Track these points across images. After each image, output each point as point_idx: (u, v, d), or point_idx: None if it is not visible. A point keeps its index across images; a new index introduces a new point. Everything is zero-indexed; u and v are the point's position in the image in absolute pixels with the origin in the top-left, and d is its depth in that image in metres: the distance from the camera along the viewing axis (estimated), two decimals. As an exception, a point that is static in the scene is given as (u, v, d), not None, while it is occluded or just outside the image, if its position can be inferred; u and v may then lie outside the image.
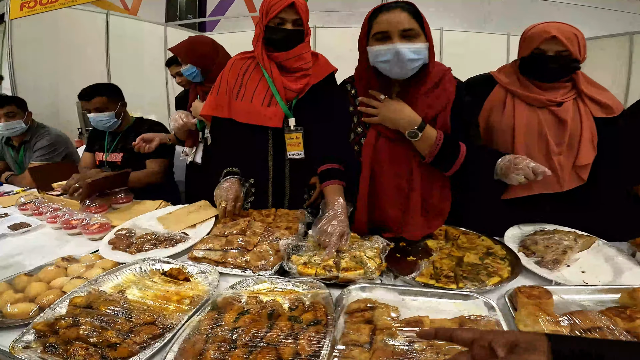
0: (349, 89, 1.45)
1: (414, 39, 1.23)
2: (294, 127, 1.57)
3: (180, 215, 1.63)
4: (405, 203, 1.37)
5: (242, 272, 1.20)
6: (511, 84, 1.50)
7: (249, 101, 1.56)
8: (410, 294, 1.06)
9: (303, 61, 1.56)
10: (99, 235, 1.50)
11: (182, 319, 0.95)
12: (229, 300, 1.00)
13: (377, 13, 1.27)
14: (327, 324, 0.91)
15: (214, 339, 0.85)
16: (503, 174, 1.35)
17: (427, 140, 1.29)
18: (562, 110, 1.43)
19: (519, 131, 1.44)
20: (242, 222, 1.41)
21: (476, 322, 0.89)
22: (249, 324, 0.88)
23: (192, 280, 1.17)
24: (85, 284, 1.09)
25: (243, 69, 1.61)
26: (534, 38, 1.40)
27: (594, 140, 1.43)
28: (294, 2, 1.46)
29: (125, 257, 1.30)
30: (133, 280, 1.15)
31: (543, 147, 1.44)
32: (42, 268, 1.22)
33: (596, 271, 1.19)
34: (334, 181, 1.42)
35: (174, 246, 1.37)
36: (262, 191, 1.68)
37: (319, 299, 1.02)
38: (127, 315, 0.94)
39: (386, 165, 1.37)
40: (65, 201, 1.79)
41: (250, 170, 1.66)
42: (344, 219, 1.30)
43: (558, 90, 1.45)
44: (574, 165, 1.44)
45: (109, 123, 2.20)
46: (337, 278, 1.13)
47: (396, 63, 1.23)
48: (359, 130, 1.41)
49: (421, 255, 1.29)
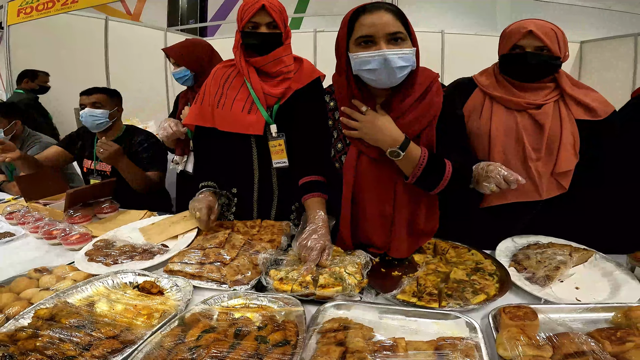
0: (328, 101, 1.36)
1: (402, 43, 1.13)
2: (276, 133, 1.53)
3: (163, 226, 1.59)
4: (391, 228, 1.28)
5: (217, 286, 1.16)
6: (490, 87, 1.44)
7: (229, 109, 1.52)
8: (390, 313, 1.01)
9: (282, 64, 1.51)
10: (78, 246, 1.46)
11: (145, 334, 0.90)
12: (196, 317, 0.96)
13: (359, 14, 1.15)
14: (296, 344, 0.86)
15: (173, 357, 0.81)
16: (476, 182, 1.28)
17: (410, 159, 1.17)
18: (540, 113, 1.36)
19: (496, 137, 1.38)
20: (221, 235, 1.36)
21: (454, 345, 0.83)
22: (211, 342, 0.84)
23: (165, 294, 1.12)
24: (53, 295, 1.06)
25: (224, 77, 1.58)
26: (512, 34, 1.35)
27: (575, 146, 1.35)
28: (264, 4, 1.43)
29: (100, 269, 1.26)
30: (103, 292, 1.11)
31: (520, 153, 1.37)
32: (14, 279, 1.19)
33: (591, 288, 1.12)
34: (315, 194, 1.34)
35: (151, 258, 1.32)
36: (246, 201, 1.63)
37: (292, 317, 0.97)
38: (89, 329, 0.90)
39: (369, 191, 1.27)
40: (49, 210, 1.76)
41: (234, 180, 1.63)
42: (325, 233, 1.24)
43: (540, 92, 1.38)
44: (552, 172, 1.36)
45: (99, 121, 2.13)
46: (314, 295, 1.07)
47: (384, 71, 1.12)
48: (339, 147, 1.32)
49: (406, 270, 1.23)
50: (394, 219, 1.28)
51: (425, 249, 1.36)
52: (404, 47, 1.13)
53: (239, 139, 1.55)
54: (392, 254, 1.29)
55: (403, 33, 1.13)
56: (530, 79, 1.37)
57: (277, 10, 1.47)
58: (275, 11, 1.46)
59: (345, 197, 1.28)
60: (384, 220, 1.29)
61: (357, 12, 1.17)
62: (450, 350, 0.81)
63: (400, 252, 1.29)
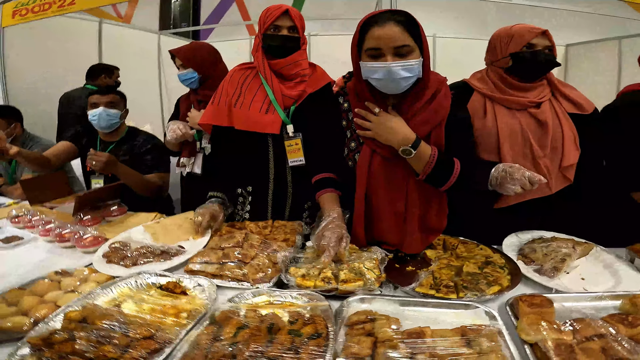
0: (342, 102, 1.43)
1: (408, 55, 1.19)
2: (292, 133, 1.57)
3: (169, 226, 1.61)
4: (403, 226, 1.34)
5: (239, 285, 1.19)
6: (488, 89, 1.51)
7: (247, 109, 1.57)
8: (410, 305, 1.05)
9: (299, 68, 1.58)
10: (92, 249, 1.47)
11: (180, 334, 0.92)
12: (227, 314, 0.98)
13: (369, 27, 1.21)
14: (327, 337, 0.89)
15: (213, 355, 0.83)
16: (498, 184, 1.32)
17: (421, 157, 1.25)
18: (541, 112, 1.44)
19: (504, 137, 1.44)
20: (239, 235, 1.39)
21: (478, 331, 0.88)
22: (248, 338, 0.87)
23: (189, 294, 1.15)
24: (80, 297, 1.06)
25: (242, 79, 1.63)
26: (524, 34, 1.42)
27: (575, 140, 1.45)
28: (288, 9, 1.52)
29: (120, 270, 1.28)
30: (128, 294, 1.12)
31: (528, 152, 1.45)
32: (35, 281, 1.19)
33: (596, 278, 1.19)
34: (328, 190, 1.40)
35: (170, 259, 1.34)
36: (261, 200, 1.67)
37: (319, 312, 1.00)
38: (124, 330, 0.91)
39: (382, 189, 1.33)
40: (58, 214, 1.76)
41: (250, 179, 1.67)
42: (340, 224, 1.29)
43: (534, 90, 1.47)
44: (560, 167, 1.45)
45: (113, 120, 2.14)
46: (336, 290, 1.11)
47: (389, 81, 1.21)
48: (352, 146, 1.38)
49: (420, 265, 1.28)
50: (406, 216, 1.33)
51: (436, 244, 1.42)
52: (411, 59, 1.19)
53: (256, 138, 1.59)
54: (405, 250, 1.34)
55: (409, 46, 1.19)
56: (537, 77, 1.45)
57: (298, 16, 1.55)
58: (297, 17, 1.54)
59: (359, 194, 1.34)
60: (396, 218, 1.34)
61: (368, 23, 1.22)
62: (474, 336, 0.86)
63: (412, 248, 1.34)
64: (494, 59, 1.51)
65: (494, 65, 1.51)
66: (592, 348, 0.78)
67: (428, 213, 1.36)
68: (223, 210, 1.62)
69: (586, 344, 0.80)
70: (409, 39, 1.18)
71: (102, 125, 2.13)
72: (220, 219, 1.58)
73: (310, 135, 1.55)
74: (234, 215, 1.74)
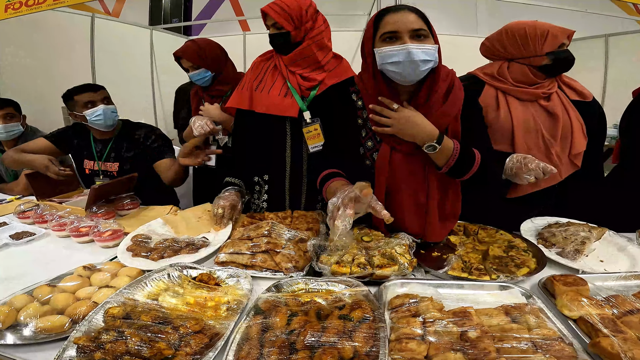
0: (355, 100, 1.39)
1: (425, 39, 1.18)
2: (310, 119, 1.57)
3: (189, 219, 1.60)
4: (424, 217, 1.34)
5: (273, 274, 1.19)
6: (500, 81, 1.55)
7: (267, 93, 1.59)
8: (445, 288, 1.09)
9: (311, 60, 1.57)
10: (112, 243, 1.45)
11: (229, 326, 0.92)
12: (272, 303, 0.99)
13: (384, 15, 1.22)
14: (375, 319, 0.92)
15: (270, 344, 0.84)
16: (513, 174, 1.39)
17: (444, 152, 1.22)
18: (551, 105, 1.50)
19: (518, 128, 1.49)
20: (265, 225, 1.40)
21: (520, 309, 0.92)
22: (303, 325, 0.88)
23: (223, 285, 1.15)
24: (117, 293, 1.05)
25: (264, 67, 1.65)
26: (558, 35, 1.45)
27: (583, 129, 1.52)
28: (263, 9, 1.55)
29: (147, 264, 1.27)
30: (164, 287, 1.11)
31: (541, 143, 1.50)
32: (61, 278, 1.16)
33: (613, 260, 1.25)
34: (335, 179, 1.30)
35: (197, 252, 1.34)
36: (278, 188, 1.67)
37: (360, 297, 1.02)
38: (173, 325, 0.90)
39: (403, 183, 1.31)
40: (71, 208, 1.72)
41: (267, 167, 1.67)
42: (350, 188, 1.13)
43: (544, 82, 1.52)
44: (569, 155, 1.51)
45: (115, 117, 2.05)
46: (372, 275, 1.14)
47: (408, 64, 1.17)
48: (369, 145, 1.35)
49: (445, 251, 1.32)
50: (428, 207, 1.34)
51: (457, 230, 1.46)
52: (427, 43, 1.19)
53: (275, 122, 1.60)
54: (428, 239, 1.36)
55: (425, 30, 1.19)
56: (560, 73, 1.53)
57: (277, 10, 1.52)
58: (276, 11, 1.52)
59: (379, 191, 1.31)
60: (418, 209, 1.34)
61: (382, 13, 1.24)
62: (519, 313, 0.90)
63: (435, 236, 1.36)
64: (524, 55, 1.50)
65: (519, 62, 1.52)
66: (633, 320, 0.83)
67: (446, 200, 1.37)
68: (241, 198, 1.62)
69: (626, 317, 0.84)
70: (424, 25, 1.19)
71: (108, 123, 2.02)
72: (239, 208, 1.58)
73: (328, 127, 1.51)
74: (250, 204, 1.74)
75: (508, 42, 1.53)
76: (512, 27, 1.53)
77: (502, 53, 1.57)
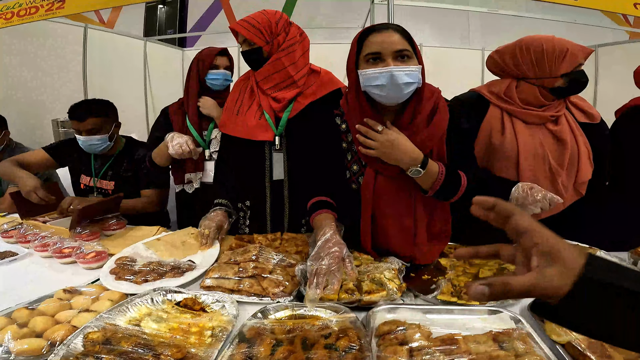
0: (339, 123, 1.36)
1: (408, 60, 1.18)
2: (278, 145, 1.57)
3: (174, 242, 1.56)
4: (412, 241, 1.33)
5: (260, 300, 1.17)
6: (506, 102, 1.47)
7: (244, 115, 1.58)
8: (434, 313, 1.07)
9: (285, 76, 1.53)
10: (96, 264, 1.42)
11: (212, 354, 0.90)
12: (257, 330, 0.97)
13: (368, 34, 1.20)
14: (361, 348, 0.90)
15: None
16: (519, 205, 1.33)
17: (429, 175, 1.21)
18: (559, 130, 1.43)
19: (524, 155, 1.42)
20: (253, 249, 1.37)
21: (509, 334, 0.90)
22: (287, 355, 0.86)
23: (208, 310, 1.12)
24: (97, 317, 1.02)
25: (243, 87, 1.65)
26: (577, 54, 1.36)
27: (590, 155, 1.46)
28: (231, 26, 1.54)
29: (131, 287, 1.23)
30: (147, 312, 1.09)
31: (547, 170, 1.44)
32: (41, 300, 1.13)
33: (604, 281, 1.24)
34: (322, 211, 1.29)
35: (182, 275, 1.31)
36: (260, 213, 1.66)
37: (347, 324, 1.00)
38: (154, 352, 0.88)
39: (389, 208, 1.29)
40: (54, 228, 1.69)
41: (247, 192, 1.65)
42: (338, 240, 1.15)
43: (552, 103, 1.45)
44: (575, 183, 1.46)
45: (101, 147, 2.00)
46: (360, 301, 1.12)
47: (391, 88, 1.16)
48: (354, 169, 1.33)
49: (435, 274, 1.30)
50: (416, 230, 1.33)
51: (448, 252, 1.44)
52: (411, 64, 1.18)
53: (254, 147, 1.58)
54: (419, 262, 1.35)
55: (409, 51, 1.18)
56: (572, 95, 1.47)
57: (246, 26, 1.50)
58: (245, 27, 1.50)
59: (365, 216, 1.31)
60: (405, 233, 1.32)
61: (366, 32, 1.22)
62: (507, 339, 0.89)
63: (425, 258, 1.35)
64: (538, 76, 1.40)
65: (530, 82, 1.42)
66: (622, 348, 0.81)
67: (434, 221, 1.36)
68: (228, 218, 1.59)
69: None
70: (408, 45, 1.18)
71: (91, 152, 2.03)
72: (226, 227, 1.56)
73: (308, 150, 1.44)
74: (237, 229, 1.71)
75: (522, 59, 1.42)
76: (527, 42, 1.42)
77: (512, 70, 1.47)
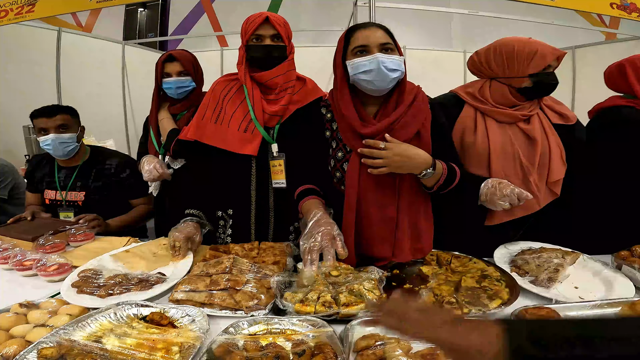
0: (324, 113, 1.43)
1: (392, 52, 1.28)
2: (277, 153, 1.50)
3: (143, 254, 1.48)
4: (394, 233, 1.33)
5: (233, 313, 1.10)
6: (480, 101, 1.48)
7: (227, 125, 1.50)
8: (416, 325, 1.02)
9: (286, 80, 1.51)
10: (58, 277, 1.33)
11: (174, 373, 0.83)
12: (226, 347, 0.90)
13: (354, 31, 1.31)
14: (338, 366, 0.84)
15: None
16: (488, 200, 1.34)
17: (436, 174, 1.27)
18: (530, 129, 1.44)
19: (495, 153, 1.43)
20: (226, 260, 1.29)
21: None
22: (257, 375, 0.79)
23: (178, 325, 1.05)
24: (53, 332, 0.95)
25: (224, 91, 1.55)
26: (546, 56, 1.36)
27: (562, 155, 1.46)
28: (268, 17, 1.45)
29: (93, 301, 1.15)
30: (109, 327, 1.01)
31: (518, 168, 1.44)
32: (-3, 314, 1.05)
33: (588, 286, 1.21)
34: (310, 197, 1.34)
35: (151, 288, 1.23)
36: (243, 222, 1.58)
37: (324, 339, 0.95)
38: (109, 371, 0.81)
39: (373, 195, 1.31)
40: (16, 241, 1.58)
41: (230, 201, 1.58)
42: (328, 221, 1.19)
43: (524, 104, 1.45)
44: (547, 182, 1.45)
45: (70, 147, 1.88)
46: (338, 314, 1.06)
47: (378, 73, 1.24)
48: (339, 156, 1.37)
49: (417, 283, 1.26)
50: (398, 222, 1.33)
51: (430, 260, 1.40)
52: (395, 55, 1.28)
53: (238, 158, 1.50)
54: (397, 259, 1.33)
55: (392, 44, 1.29)
56: (542, 96, 1.47)
57: (281, 23, 1.47)
58: (280, 24, 1.46)
59: (349, 204, 1.31)
60: (387, 224, 1.33)
61: (353, 29, 1.33)
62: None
63: (404, 255, 1.33)
64: (506, 75, 1.42)
65: (500, 81, 1.44)
66: None
67: (418, 218, 1.36)
68: (200, 229, 1.51)
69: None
70: (390, 40, 1.29)
71: (58, 154, 1.89)
72: (198, 239, 1.48)
73: (294, 155, 1.47)
74: (216, 239, 1.63)
75: (494, 59, 1.44)
76: (501, 43, 1.44)
77: (486, 70, 1.49)
